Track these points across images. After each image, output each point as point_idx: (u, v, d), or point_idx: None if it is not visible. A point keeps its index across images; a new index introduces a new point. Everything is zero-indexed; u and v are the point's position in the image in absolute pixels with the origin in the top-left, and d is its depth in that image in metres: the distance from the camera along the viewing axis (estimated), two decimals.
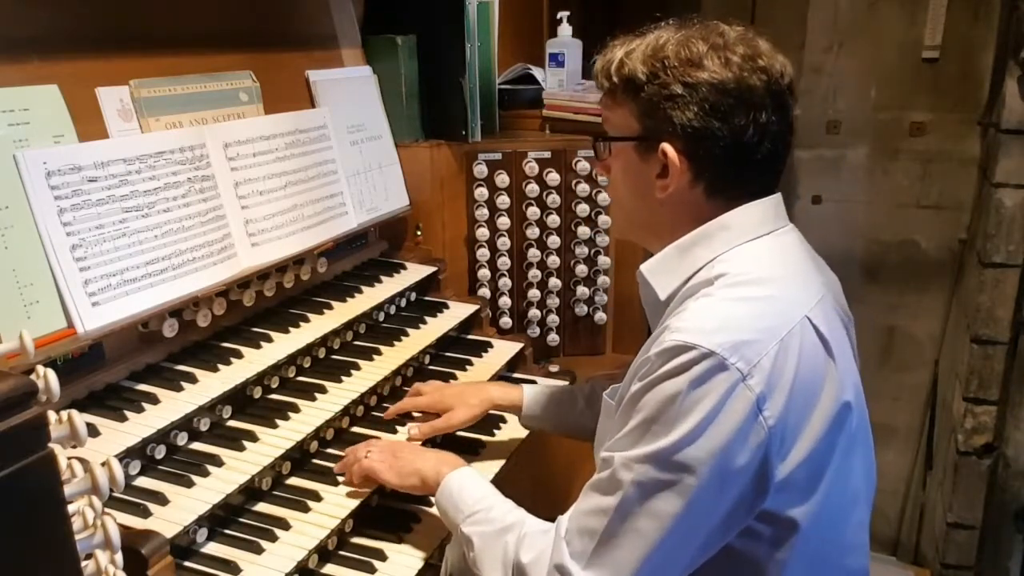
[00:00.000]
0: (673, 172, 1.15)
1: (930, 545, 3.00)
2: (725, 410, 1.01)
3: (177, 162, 1.49)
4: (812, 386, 1.07)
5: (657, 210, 1.19)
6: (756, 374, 1.02)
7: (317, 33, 1.98)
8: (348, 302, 1.83)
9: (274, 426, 1.46)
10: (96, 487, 0.86)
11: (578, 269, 2.24)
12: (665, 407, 1.03)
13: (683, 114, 1.12)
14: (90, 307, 1.30)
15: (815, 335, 1.09)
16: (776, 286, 1.11)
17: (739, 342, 1.02)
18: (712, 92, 1.11)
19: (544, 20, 2.72)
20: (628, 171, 1.22)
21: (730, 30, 1.15)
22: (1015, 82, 2.37)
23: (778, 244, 1.17)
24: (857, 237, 2.99)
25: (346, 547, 1.40)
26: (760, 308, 1.07)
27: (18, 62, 1.32)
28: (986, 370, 2.54)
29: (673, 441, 1.02)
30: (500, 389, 1.67)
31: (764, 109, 1.12)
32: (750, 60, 1.12)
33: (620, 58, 1.17)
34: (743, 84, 1.11)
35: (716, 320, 1.05)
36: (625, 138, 1.20)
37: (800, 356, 1.05)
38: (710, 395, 1.01)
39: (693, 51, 1.12)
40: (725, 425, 1.01)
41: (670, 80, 1.12)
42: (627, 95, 1.17)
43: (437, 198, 2.17)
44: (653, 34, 1.17)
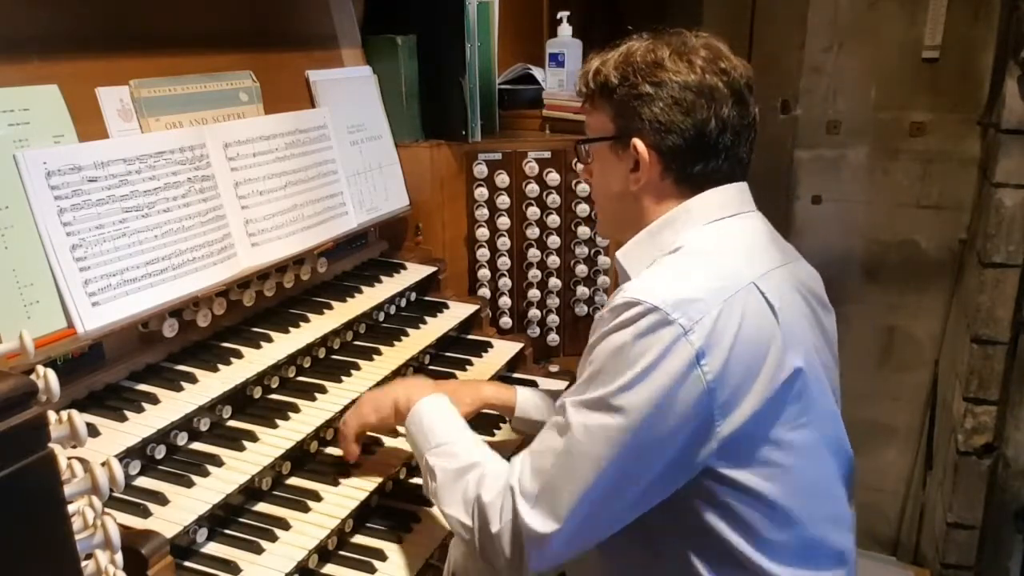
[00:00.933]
0: (643, 165, 1.25)
1: (930, 545, 3.00)
2: (665, 362, 1.08)
3: (177, 162, 1.49)
4: (756, 348, 1.12)
5: (632, 204, 1.29)
6: (697, 330, 1.08)
7: (317, 33, 1.98)
8: (348, 302, 1.83)
9: (274, 426, 1.46)
10: (96, 487, 0.86)
11: (578, 269, 2.24)
12: (612, 357, 1.11)
13: (650, 110, 1.23)
14: (90, 307, 1.30)
15: (762, 300, 1.15)
16: (726, 256, 1.19)
17: (683, 299, 1.10)
18: (676, 89, 1.22)
19: (544, 20, 2.72)
20: (606, 170, 1.32)
21: (693, 37, 1.26)
22: (1015, 82, 2.37)
23: (737, 224, 1.25)
24: (857, 237, 2.99)
25: (346, 547, 1.40)
26: (706, 272, 1.16)
27: (18, 62, 1.32)
28: (986, 370, 2.54)
29: (616, 388, 1.09)
30: (494, 389, 1.67)
31: (724, 104, 1.22)
32: (711, 62, 1.23)
33: (596, 67, 1.30)
34: (704, 82, 1.22)
35: (663, 280, 1.15)
36: (601, 138, 1.31)
37: (743, 318, 1.11)
38: (653, 347, 1.08)
39: (658, 55, 1.23)
40: (665, 376, 1.08)
41: (638, 81, 1.23)
42: (602, 99, 1.29)
43: (437, 198, 2.17)
44: (625, 45, 1.29)
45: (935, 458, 3.01)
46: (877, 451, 3.11)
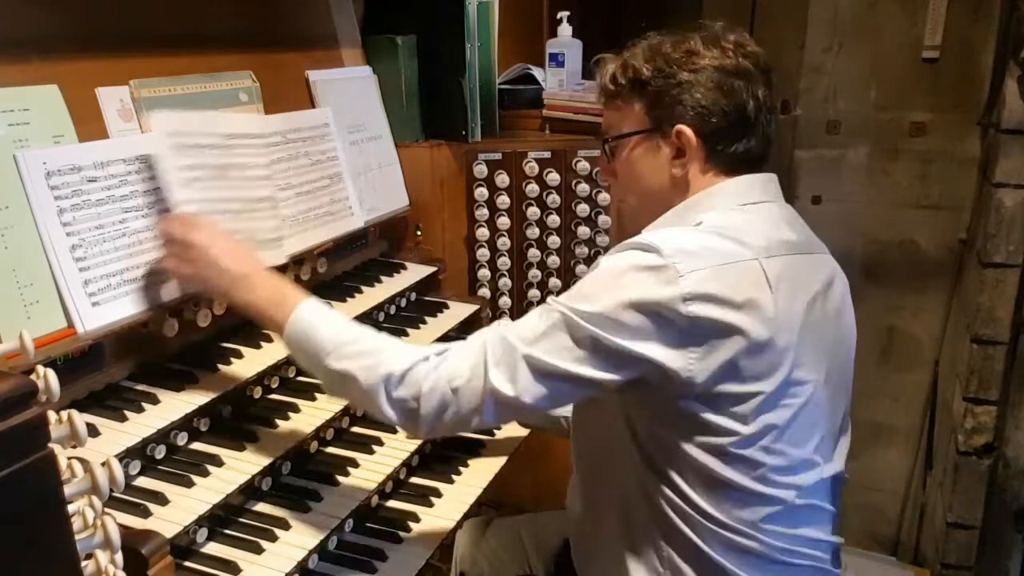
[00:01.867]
0: (690, 150, 1.28)
1: (930, 545, 2.99)
2: (652, 293, 1.13)
3: None
4: (739, 314, 1.15)
5: (672, 191, 1.31)
6: (690, 277, 1.13)
7: (317, 33, 1.98)
8: (348, 302, 1.83)
9: (274, 426, 1.46)
10: (96, 487, 0.86)
11: (578, 269, 2.24)
12: (605, 276, 1.19)
13: (691, 96, 1.26)
14: (90, 307, 1.30)
15: (762, 273, 1.18)
16: (739, 232, 1.21)
17: (685, 250, 1.16)
18: (716, 74, 1.26)
19: (544, 20, 2.72)
20: (643, 162, 1.33)
21: (712, 25, 1.31)
22: (1015, 82, 2.37)
23: (761, 210, 1.28)
24: (857, 237, 2.99)
25: (346, 547, 1.40)
26: (714, 239, 1.20)
27: (18, 62, 1.32)
28: (986, 370, 2.54)
29: (602, 304, 1.15)
30: None
31: (758, 84, 1.28)
32: (740, 47, 1.28)
33: (622, 62, 1.32)
34: (740, 65, 1.27)
35: (672, 235, 1.20)
36: (639, 132, 1.32)
37: (737, 280, 1.16)
38: (645, 278, 1.15)
39: (691, 44, 1.28)
40: (648, 305, 1.13)
41: (675, 71, 1.27)
42: (634, 93, 1.31)
43: (437, 198, 2.17)
44: (643, 42, 1.32)
45: (935, 458, 3.01)
46: (877, 451, 3.11)
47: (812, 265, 1.30)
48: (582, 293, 1.19)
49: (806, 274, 1.27)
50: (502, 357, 1.19)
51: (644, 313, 1.14)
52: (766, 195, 1.31)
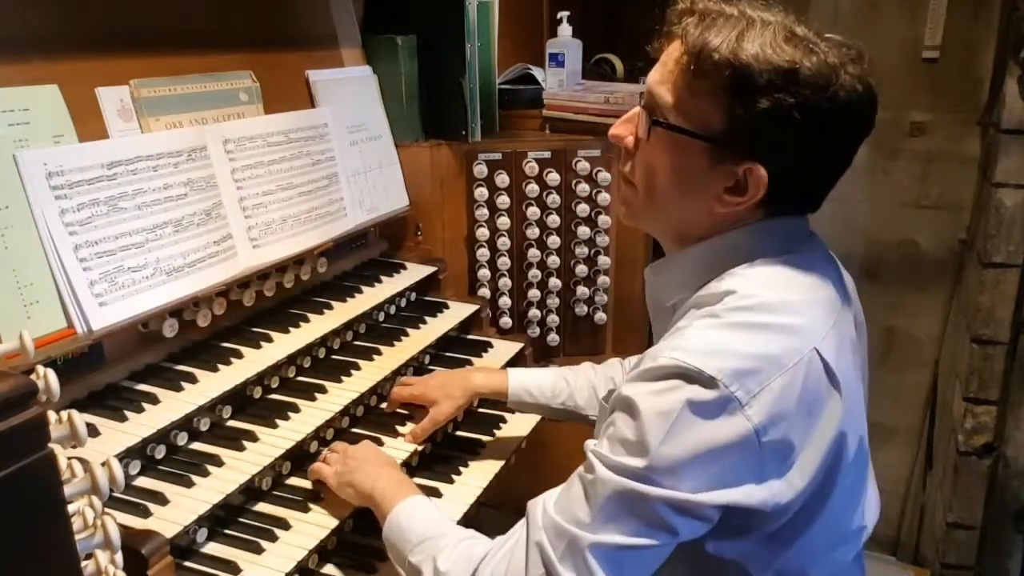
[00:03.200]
0: (752, 194, 1.04)
1: (930, 545, 2.99)
2: (719, 435, 0.97)
3: (177, 162, 1.49)
4: (814, 419, 1.02)
5: (699, 217, 1.10)
6: (756, 403, 0.97)
7: (317, 33, 1.98)
8: (348, 302, 1.83)
9: (274, 426, 1.46)
10: (96, 487, 0.86)
11: (578, 269, 2.24)
12: (654, 421, 0.98)
13: (791, 142, 1.01)
14: (97, 307, 1.30)
15: (822, 367, 1.02)
16: (785, 314, 1.03)
17: (741, 370, 0.97)
18: (833, 124, 1.01)
19: (544, 20, 2.72)
20: (682, 169, 1.08)
21: (841, 39, 1.04)
22: (1015, 82, 2.37)
23: (800, 264, 1.09)
24: (857, 237, 2.99)
25: (346, 547, 1.40)
26: (766, 336, 1.00)
27: (18, 62, 1.32)
28: (986, 370, 2.54)
29: (660, 459, 0.97)
30: (484, 376, 1.66)
31: (866, 133, 1.06)
32: (867, 86, 1.02)
33: (732, 42, 0.99)
34: (859, 113, 1.03)
35: (719, 344, 1.00)
36: (701, 136, 1.04)
37: (805, 389, 1.00)
38: (706, 419, 0.97)
39: (828, 68, 0.99)
40: (718, 449, 0.97)
41: (792, 103, 0.98)
42: (728, 92, 1.00)
43: (437, 198, 2.17)
44: (764, 16, 1.02)
45: (935, 458, 3.01)
46: (877, 451, 3.07)
47: (845, 301, 1.14)
48: (630, 445, 0.99)
49: (846, 322, 1.11)
50: (566, 552, 1.00)
51: (715, 459, 0.97)
52: (803, 237, 1.13)
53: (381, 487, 1.31)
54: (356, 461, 1.39)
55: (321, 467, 1.42)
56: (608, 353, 2.34)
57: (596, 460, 1.02)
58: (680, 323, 1.08)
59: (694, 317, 1.05)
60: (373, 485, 1.32)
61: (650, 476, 0.98)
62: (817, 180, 1.09)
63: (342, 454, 1.43)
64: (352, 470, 1.37)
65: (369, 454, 1.43)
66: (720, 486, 0.98)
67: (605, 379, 1.61)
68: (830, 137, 1.03)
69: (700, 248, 1.12)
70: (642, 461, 0.98)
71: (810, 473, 1.03)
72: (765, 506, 1.01)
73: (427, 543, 1.16)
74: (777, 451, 0.99)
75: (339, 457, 1.42)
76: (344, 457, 1.41)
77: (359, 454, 1.42)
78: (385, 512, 1.26)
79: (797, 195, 1.09)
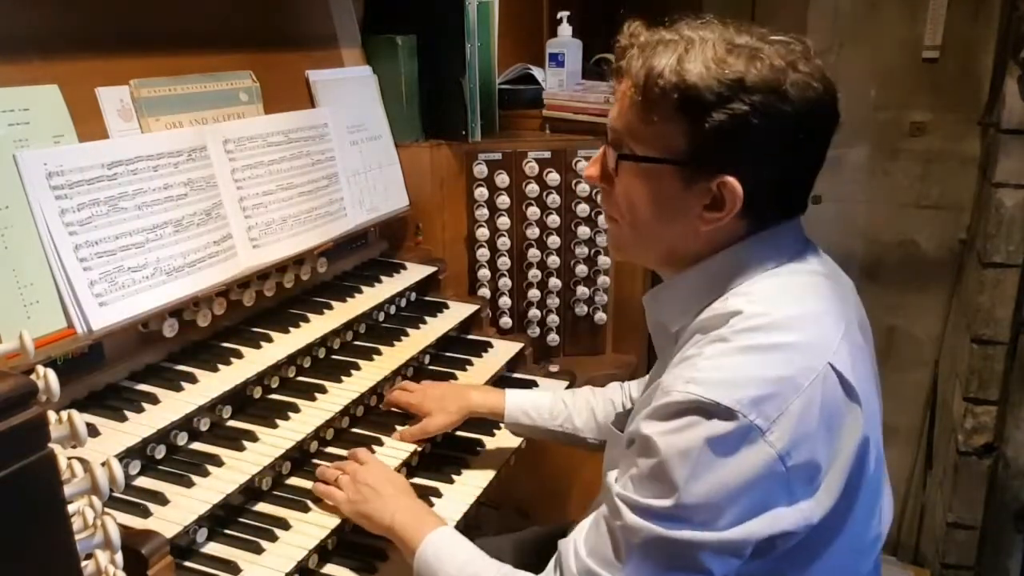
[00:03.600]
0: (731, 207, 1.03)
1: (930, 545, 2.99)
2: (744, 467, 0.96)
3: (177, 162, 1.49)
4: (835, 435, 1.01)
5: (686, 239, 1.09)
6: (776, 428, 0.96)
7: (317, 33, 1.98)
8: (348, 302, 1.83)
9: (274, 426, 1.46)
10: (96, 487, 0.86)
11: (578, 269, 2.24)
12: (675, 461, 0.97)
13: (756, 149, 1.01)
14: (97, 307, 1.30)
15: (837, 381, 1.01)
16: (795, 331, 1.01)
17: (758, 397, 0.96)
18: (794, 123, 1.00)
19: (544, 20, 2.72)
20: (658, 196, 1.08)
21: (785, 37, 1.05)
22: (1015, 82, 2.37)
23: (800, 274, 1.08)
24: (857, 237, 2.99)
25: (346, 547, 1.40)
26: (779, 358, 0.99)
27: (18, 62, 1.32)
28: (986, 370, 2.54)
29: (686, 496, 0.96)
30: (481, 394, 1.64)
31: (832, 125, 1.05)
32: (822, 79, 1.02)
33: (673, 66, 1.00)
34: (819, 108, 1.02)
35: (732, 372, 0.98)
36: (668, 160, 1.04)
37: (824, 406, 0.99)
38: (728, 452, 0.96)
39: (775, 71, 0.99)
40: (744, 482, 0.96)
41: (747, 109, 0.98)
42: (681, 113, 1.01)
43: (437, 198, 2.17)
44: (705, 34, 1.03)
45: (935, 458, 3.01)
46: None
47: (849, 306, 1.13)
48: (655, 488, 0.98)
49: (852, 329, 1.10)
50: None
51: (742, 491, 0.96)
52: (796, 245, 1.11)
53: (401, 521, 1.29)
54: (370, 489, 1.35)
55: (332, 492, 1.38)
56: (608, 353, 2.34)
57: (623, 505, 1.01)
58: (689, 351, 1.05)
59: (703, 343, 1.04)
60: (392, 519, 1.29)
61: (679, 518, 0.97)
62: (793, 181, 1.08)
63: (352, 479, 1.37)
64: (366, 499, 1.34)
65: (380, 479, 1.38)
66: (750, 517, 0.97)
67: (604, 401, 1.58)
68: (794, 136, 1.02)
69: (697, 270, 1.11)
70: (669, 503, 0.97)
71: (837, 488, 1.02)
72: (797, 528, 0.99)
73: None
74: (803, 473, 0.98)
75: (349, 481, 1.37)
76: (355, 484, 1.36)
77: (371, 480, 1.37)
78: (412, 548, 1.24)
79: (777, 199, 1.08)
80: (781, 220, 1.10)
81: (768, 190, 1.05)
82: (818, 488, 1.01)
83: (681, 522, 0.97)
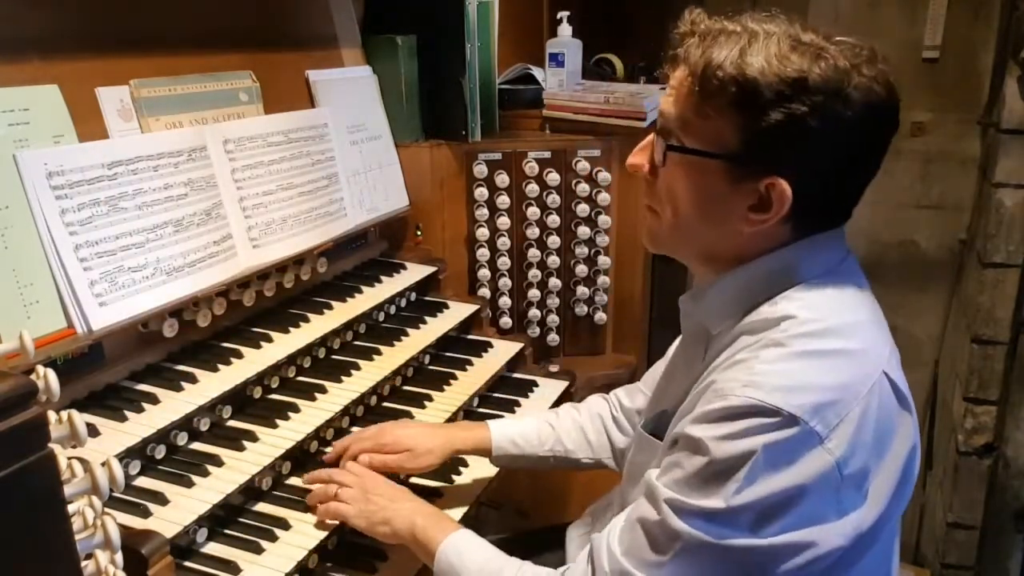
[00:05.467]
0: (777, 209, 1.00)
1: (930, 545, 2.99)
2: (803, 475, 0.94)
3: (177, 162, 1.49)
4: (887, 442, 1.00)
5: (726, 239, 1.06)
6: (835, 436, 0.94)
7: (317, 33, 1.98)
8: (348, 302, 1.83)
9: (274, 426, 1.46)
10: (96, 487, 0.86)
11: (578, 269, 2.24)
12: (737, 464, 0.94)
13: (811, 151, 0.98)
14: (97, 307, 1.30)
15: (891, 390, 1.01)
16: (851, 338, 1.00)
17: (819, 403, 0.94)
18: (853, 129, 0.98)
19: (544, 20, 2.72)
20: (703, 191, 1.05)
21: (852, 39, 1.01)
22: (1015, 82, 2.37)
23: (847, 282, 1.07)
24: (857, 237, 2.99)
25: (346, 547, 1.40)
26: (838, 364, 0.98)
27: (18, 62, 1.32)
28: (986, 370, 2.54)
29: (739, 501, 0.94)
30: (462, 431, 1.54)
31: (891, 133, 1.03)
32: (885, 84, 1.00)
33: (734, 58, 0.97)
34: (880, 115, 1.00)
35: (793, 378, 0.96)
36: (718, 155, 1.01)
37: (879, 414, 0.98)
38: (787, 459, 0.93)
39: (839, 72, 0.96)
40: (802, 488, 0.94)
41: (806, 110, 0.95)
42: (737, 108, 0.98)
43: (437, 198, 2.17)
44: (767, 28, 1.00)
45: (935, 458, 3.01)
46: None
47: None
48: (703, 492, 0.95)
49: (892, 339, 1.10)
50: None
51: (795, 499, 0.94)
52: (841, 252, 1.09)
53: (421, 524, 1.26)
54: (383, 498, 1.33)
55: (340, 508, 1.33)
56: (608, 353, 2.34)
57: (666, 507, 0.98)
58: (740, 354, 1.03)
59: (756, 347, 1.01)
60: (412, 522, 1.27)
61: (727, 522, 0.95)
62: (845, 188, 1.05)
63: (360, 491, 1.34)
64: (382, 508, 1.31)
65: (389, 488, 1.36)
66: (800, 527, 0.95)
67: (592, 417, 1.53)
68: (852, 142, 1.00)
69: (742, 272, 1.08)
70: (720, 505, 0.95)
71: (885, 496, 1.01)
72: (845, 539, 0.97)
73: None
74: (855, 481, 0.97)
75: (357, 495, 1.33)
76: (365, 494, 1.33)
77: (381, 490, 1.34)
78: (432, 550, 1.22)
79: (826, 206, 1.06)
80: (826, 228, 1.07)
81: (817, 196, 1.02)
82: (867, 494, 0.99)
83: (728, 527, 0.95)
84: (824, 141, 0.98)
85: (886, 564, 1.16)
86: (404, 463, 1.45)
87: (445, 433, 1.52)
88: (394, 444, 1.46)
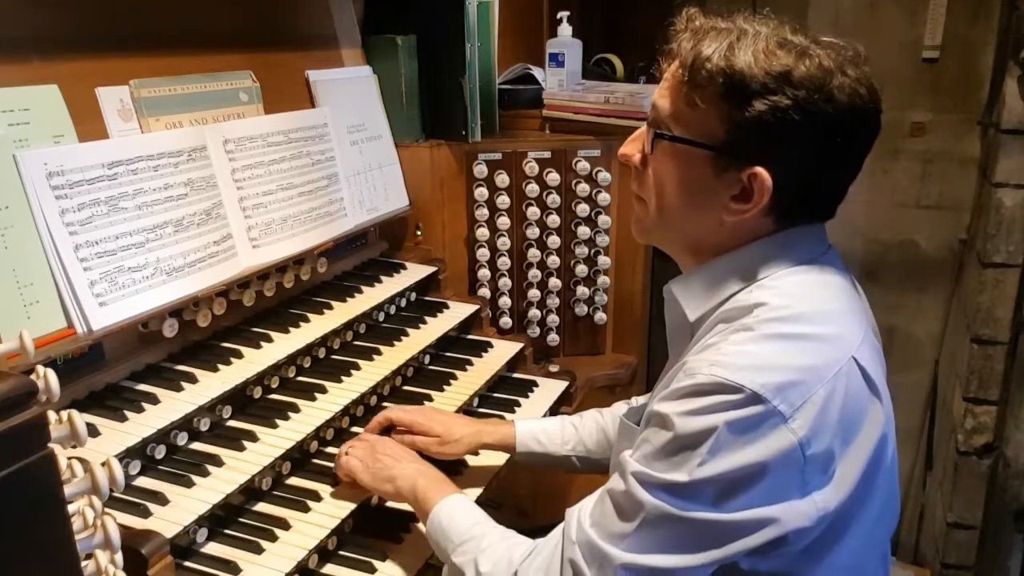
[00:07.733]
0: (758, 200, 1.05)
1: (930, 545, 3.00)
2: (764, 452, 0.96)
3: (177, 162, 1.49)
4: (855, 427, 1.02)
5: (709, 228, 1.10)
6: (800, 416, 0.96)
7: (317, 33, 1.98)
8: (348, 302, 1.83)
9: (274, 426, 1.46)
10: (96, 487, 0.86)
11: (578, 269, 2.24)
12: (700, 439, 0.97)
13: (792, 145, 1.01)
14: (97, 307, 1.30)
15: (860, 375, 1.03)
16: (821, 324, 1.03)
17: (783, 383, 0.96)
18: (834, 126, 1.01)
19: (544, 20, 2.72)
20: (689, 181, 1.09)
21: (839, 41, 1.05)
22: (1015, 82, 2.37)
23: (824, 272, 1.10)
24: (857, 237, 2.99)
25: (346, 547, 1.40)
26: (805, 347, 1.00)
27: (18, 62, 1.32)
28: (986, 370, 2.54)
29: (701, 474, 0.96)
30: (491, 426, 1.58)
31: (871, 136, 1.06)
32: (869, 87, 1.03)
33: (723, 52, 1.01)
34: (862, 115, 1.03)
35: (759, 358, 0.99)
36: (703, 144, 1.06)
37: (846, 399, 1.00)
38: (749, 435, 0.96)
39: (823, 71, 1.00)
40: (763, 465, 0.96)
41: (790, 103, 0.99)
42: (724, 99, 1.02)
43: (437, 198, 2.17)
44: (759, 26, 1.05)
45: (935, 458, 3.01)
46: None
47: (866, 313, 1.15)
48: (668, 466, 0.98)
49: (871, 332, 1.13)
50: (598, 571, 1.02)
51: (758, 476, 0.96)
52: (820, 246, 1.12)
53: (423, 485, 1.32)
54: (391, 458, 1.39)
55: (350, 461, 1.41)
56: (608, 353, 2.34)
57: (633, 479, 1.01)
58: (712, 339, 1.06)
59: (727, 332, 1.04)
60: (415, 482, 1.33)
61: (690, 496, 0.97)
62: (824, 184, 1.09)
63: (370, 450, 1.41)
64: (389, 466, 1.38)
65: (398, 449, 1.43)
66: (762, 503, 0.97)
67: (614, 419, 1.54)
68: (832, 139, 1.03)
69: (722, 261, 1.11)
70: (683, 478, 0.97)
71: (852, 481, 1.02)
72: (812, 522, 0.99)
73: (469, 544, 1.18)
74: (819, 463, 0.99)
75: (367, 453, 1.41)
76: (375, 453, 1.40)
77: (390, 450, 1.42)
78: (427, 510, 1.28)
79: (806, 201, 1.09)
80: (807, 222, 1.11)
81: (797, 189, 1.06)
82: (831, 479, 1.00)
83: (691, 500, 0.97)
84: (805, 135, 1.01)
85: (871, 563, 1.15)
86: (431, 447, 1.50)
87: (475, 425, 1.57)
88: (427, 424, 1.52)
